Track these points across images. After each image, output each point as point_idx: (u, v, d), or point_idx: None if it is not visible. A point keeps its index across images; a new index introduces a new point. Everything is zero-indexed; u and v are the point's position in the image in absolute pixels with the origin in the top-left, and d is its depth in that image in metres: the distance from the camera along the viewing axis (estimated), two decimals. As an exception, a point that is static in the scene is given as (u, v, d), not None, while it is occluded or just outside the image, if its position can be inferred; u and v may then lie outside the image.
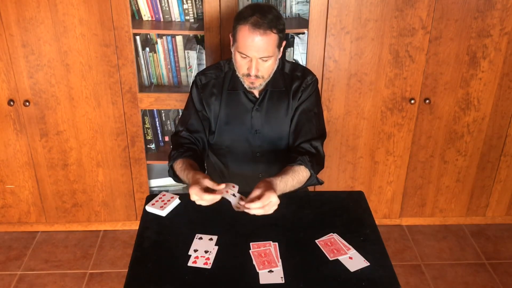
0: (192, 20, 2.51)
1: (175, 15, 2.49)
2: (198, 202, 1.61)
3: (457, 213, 2.99)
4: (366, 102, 2.60)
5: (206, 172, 2.16)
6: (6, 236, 2.90)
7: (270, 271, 1.50)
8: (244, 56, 1.78)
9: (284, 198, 1.78)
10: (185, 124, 1.96)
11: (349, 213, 1.79)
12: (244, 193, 1.63)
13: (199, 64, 2.62)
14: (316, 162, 1.85)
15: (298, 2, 2.58)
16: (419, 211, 2.97)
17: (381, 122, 2.66)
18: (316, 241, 1.62)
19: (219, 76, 1.97)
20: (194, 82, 1.98)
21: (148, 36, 2.63)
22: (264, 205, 1.55)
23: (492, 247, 2.89)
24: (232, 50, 1.85)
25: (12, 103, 2.51)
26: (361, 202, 1.85)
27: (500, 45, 2.49)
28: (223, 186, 1.60)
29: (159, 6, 2.46)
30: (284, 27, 1.80)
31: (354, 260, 1.56)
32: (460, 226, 3.03)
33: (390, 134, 2.69)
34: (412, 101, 2.59)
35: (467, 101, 2.63)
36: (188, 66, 2.58)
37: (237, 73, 1.88)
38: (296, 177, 1.75)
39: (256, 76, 1.81)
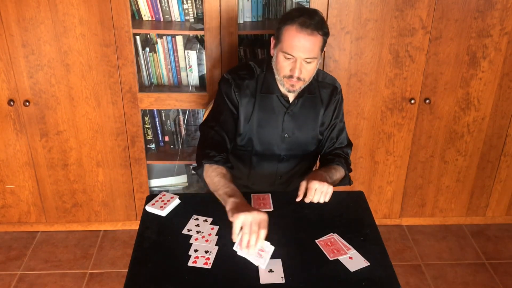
0: (192, 20, 2.51)
1: (175, 15, 2.49)
2: (246, 224, 1.50)
3: (457, 213, 2.99)
4: (366, 102, 2.60)
5: None
6: (6, 236, 2.90)
7: (270, 271, 1.50)
8: (289, 56, 1.76)
9: (285, 197, 1.79)
10: (217, 121, 1.90)
11: (349, 213, 1.79)
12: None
13: (199, 64, 2.62)
14: (348, 166, 1.99)
15: (298, 2, 2.58)
16: (419, 211, 2.97)
17: (381, 122, 2.66)
18: (316, 241, 1.62)
19: (253, 77, 1.93)
20: (226, 81, 1.92)
21: (148, 36, 2.63)
22: (312, 192, 1.70)
23: (492, 247, 2.89)
24: (275, 51, 1.83)
25: (12, 103, 2.51)
26: (361, 202, 1.85)
27: (500, 45, 2.49)
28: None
29: (159, 6, 2.46)
30: (328, 31, 1.80)
31: (354, 260, 1.56)
32: (460, 226, 3.03)
33: (390, 134, 2.69)
34: (412, 101, 2.59)
35: (467, 101, 2.63)
36: (188, 66, 2.58)
37: (276, 75, 1.86)
38: (336, 174, 1.90)
39: (298, 79, 1.79)
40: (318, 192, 1.70)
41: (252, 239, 1.49)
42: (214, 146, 1.82)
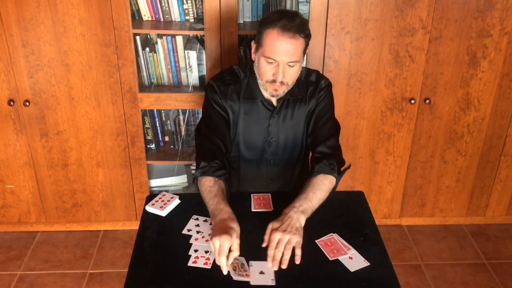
0: (192, 20, 2.51)
1: (175, 15, 2.49)
2: (216, 251, 1.47)
3: (457, 213, 2.99)
4: (366, 102, 2.60)
5: None
6: (6, 236, 2.90)
7: (261, 273, 1.49)
8: (271, 61, 1.73)
9: (285, 197, 1.78)
10: (209, 127, 1.87)
11: (349, 213, 1.79)
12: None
13: (199, 64, 2.62)
14: (336, 160, 1.80)
15: (298, 2, 2.58)
16: (419, 211, 2.97)
17: (381, 122, 2.66)
18: (316, 241, 1.62)
19: (238, 82, 1.90)
20: (211, 87, 1.89)
21: (148, 36, 2.63)
22: (276, 248, 1.51)
23: (492, 247, 2.89)
24: (256, 56, 1.80)
25: (12, 103, 2.51)
26: (361, 202, 1.85)
27: (500, 45, 2.49)
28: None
29: (159, 6, 2.46)
30: (310, 33, 1.77)
31: (354, 260, 1.56)
32: (460, 226, 3.03)
33: (390, 134, 2.69)
34: (412, 101, 2.59)
35: (467, 101, 2.63)
36: (188, 66, 2.58)
37: (259, 80, 1.83)
38: (318, 189, 1.71)
39: (281, 83, 1.76)
40: (281, 245, 1.50)
41: (222, 261, 1.46)
42: (204, 156, 1.78)
